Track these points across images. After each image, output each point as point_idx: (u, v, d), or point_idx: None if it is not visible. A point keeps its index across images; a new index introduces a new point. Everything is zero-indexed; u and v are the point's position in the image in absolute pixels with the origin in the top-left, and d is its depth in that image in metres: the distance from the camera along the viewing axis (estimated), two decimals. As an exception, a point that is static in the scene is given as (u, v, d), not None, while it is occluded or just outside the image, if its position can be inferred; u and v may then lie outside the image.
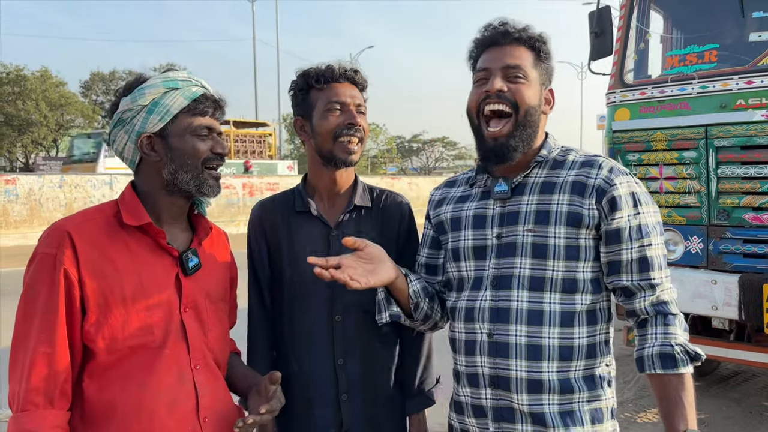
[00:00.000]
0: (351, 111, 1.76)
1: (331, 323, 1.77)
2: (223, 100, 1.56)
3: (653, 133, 4.31)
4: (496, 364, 1.50)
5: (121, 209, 1.47)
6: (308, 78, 1.78)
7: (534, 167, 1.56)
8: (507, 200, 1.55)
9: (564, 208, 1.47)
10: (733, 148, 3.98)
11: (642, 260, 1.46)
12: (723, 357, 4.26)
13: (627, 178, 1.50)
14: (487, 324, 1.51)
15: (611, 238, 1.47)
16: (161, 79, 1.49)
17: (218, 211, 18.55)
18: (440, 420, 1.83)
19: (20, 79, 31.82)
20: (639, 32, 4.72)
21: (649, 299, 1.47)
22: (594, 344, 1.50)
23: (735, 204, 4.01)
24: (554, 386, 1.47)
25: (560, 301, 1.47)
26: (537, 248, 1.48)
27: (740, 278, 3.84)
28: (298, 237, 1.80)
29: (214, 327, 1.55)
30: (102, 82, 39.16)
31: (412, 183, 25.10)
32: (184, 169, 1.47)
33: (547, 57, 1.57)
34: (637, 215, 1.47)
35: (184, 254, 1.50)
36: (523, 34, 1.55)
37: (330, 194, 1.84)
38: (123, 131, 1.49)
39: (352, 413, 1.77)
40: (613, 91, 4.59)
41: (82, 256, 1.37)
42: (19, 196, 15.46)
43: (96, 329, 1.37)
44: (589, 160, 1.53)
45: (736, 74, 3.99)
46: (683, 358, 1.42)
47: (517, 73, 1.52)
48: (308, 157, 1.86)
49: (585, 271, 1.48)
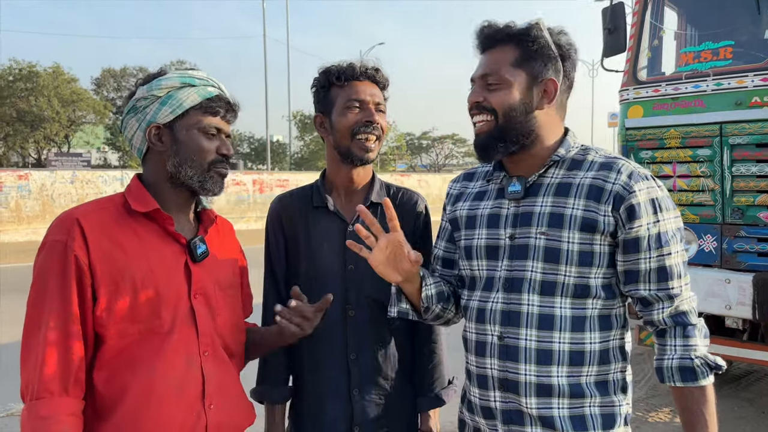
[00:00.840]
0: (370, 109, 1.78)
1: (345, 318, 1.78)
2: (237, 104, 1.58)
3: (667, 130, 4.27)
4: (506, 367, 1.48)
5: (128, 198, 1.49)
6: (329, 75, 1.80)
7: (550, 166, 1.51)
8: (521, 200, 1.51)
9: (579, 212, 1.43)
10: (748, 145, 3.94)
11: (661, 270, 1.42)
12: (736, 357, 4.23)
13: (648, 183, 1.44)
14: (498, 326, 1.49)
15: (629, 247, 1.42)
16: (179, 74, 1.52)
17: (228, 208, 18.63)
18: (452, 419, 1.82)
19: (32, 75, 31.99)
20: (653, 29, 4.68)
21: (668, 310, 1.43)
22: (607, 350, 1.47)
23: (749, 202, 3.97)
24: (564, 391, 1.44)
25: (571, 305, 1.44)
26: (549, 252, 1.44)
27: (754, 277, 3.80)
28: (315, 232, 1.82)
29: (223, 312, 1.56)
30: (113, 78, 39.34)
31: (421, 180, 25.10)
32: (188, 164, 1.49)
33: (540, 48, 1.48)
34: (657, 223, 1.42)
35: (192, 241, 1.51)
36: (500, 34, 1.50)
37: (347, 190, 1.85)
38: (135, 119, 1.51)
39: (363, 408, 1.78)
40: (626, 89, 4.55)
41: (91, 243, 1.38)
42: (31, 192, 15.60)
43: (107, 314, 1.38)
44: (608, 162, 1.47)
45: (751, 71, 3.94)
46: (704, 371, 1.40)
47: (491, 80, 1.49)
48: (327, 153, 1.88)
49: (597, 277, 1.44)
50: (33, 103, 31.51)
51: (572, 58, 1.53)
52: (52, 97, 31.94)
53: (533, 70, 1.48)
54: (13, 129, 32.35)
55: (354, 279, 1.79)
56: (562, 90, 1.53)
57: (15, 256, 12.33)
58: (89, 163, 29.54)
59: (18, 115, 31.84)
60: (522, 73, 1.48)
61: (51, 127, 32.94)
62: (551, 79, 1.50)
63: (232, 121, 1.58)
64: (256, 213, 19.55)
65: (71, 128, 35.38)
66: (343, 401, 1.78)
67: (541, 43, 1.48)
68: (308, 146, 41.62)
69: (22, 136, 32.94)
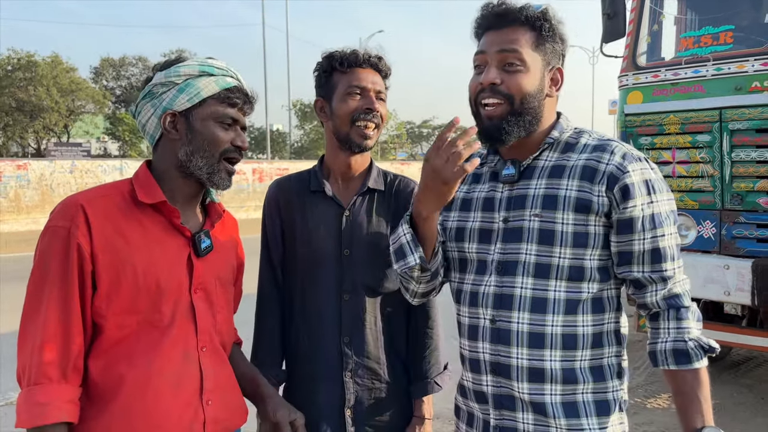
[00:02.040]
0: (370, 96, 1.79)
1: (340, 302, 1.80)
2: (255, 96, 1.57)
3: (666, 116, 4.25)
4: (498, 351, 1.47)
5: (135, 187, 1.46)
6: (333, 60, 1.81)
7: (544, 149, 1.51)
8: (515, 183, 1.50)
9: (573, 193, 1.41)
10: (747, 131, 3.92)
11: (654, 251, 1.41)
12: (735, 343, 4.24)
13: (641, 164, 1.42)
14: (491, 310, 1.48)
15: (623, 228, 1.41)
16: (199, 62, 1.49)
17: (228, 197, 18.62)
18: (448, 405, 1.83)
19: (31, 65, 31.90)
20: (652, 13, 4.65)
21: (661, 292, 1.42)
22: (601, 333, 1.46)
23: (749, 188, 3.95)
24: (557, 376, 1.43)
25: (566, 289, 1.43)
26: (543, 234, 1.43)
27: (753, 263, 3.80)
28: (311, 216, 1.83)
29: (222, 309, 1.55)
30: (112, 67, 39.24)
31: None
32: (201, 153, 1.46)
33: (552, 35, 1.47)
34: (651, 204, 1.40)
35: (196, 235, 1.49)
36: (521, 14, 1.46)
37: (345, 177, 1.87)
38: (150, 104, 1.49)
39: (356, 391, 1.80)
40: (625, 74, 4.53)
41: (95, 230, 1.36)
42: (30, 182, 15.59)
43: (106, 304, 1.37)
44: (601, 144, 1.46)
45: (752, 56, 3.92)
46: (697, 353, 1.38)
47: (512, 59, 1.44)
48: (326, 138, 1.89)
49: (593, 259, 1.43)
50: (32, 92, 31.44)
51: (567, 47, 1.54)
52: (51, 86, 31.86)
53: (546, 56, 1.48)
54: (12, 119, 32.30)
55: (349, 264, 1.80)
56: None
57: (14, 246, 12.34)
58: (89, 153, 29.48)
59: (17, 105, 31.78)
60: (539, 57, 1.47)
61: (50, 116, 32.88)
62: (560, 68, 1.51)
63: (249, 112, 1.56)
64: (255, 202, 19.54)
65: (70, 118, 35.33)
66: (336, 384, 1.79)
67: (554, 29, 1.48)
68: (308, 135, 41.55)
69: (21, 126, 32.90)
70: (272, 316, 1.87)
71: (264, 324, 1.88)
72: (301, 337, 1.84)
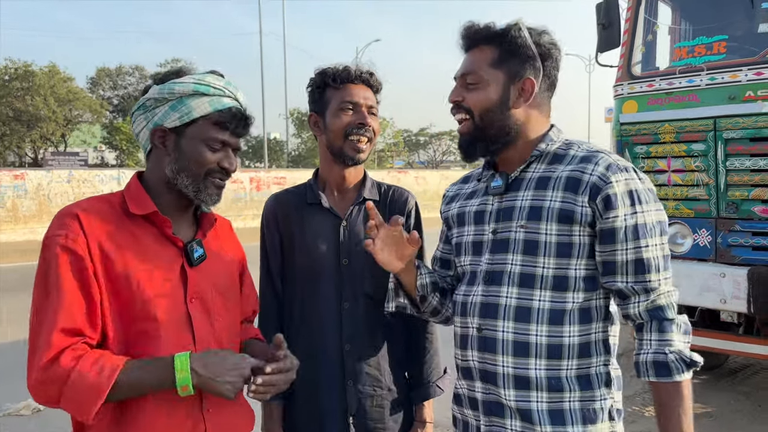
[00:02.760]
0: (362, 111, 1.83)
1: (340, 310, 1.84)
2: (252, 118, 1.55)
3: (661, 125, 4.28)
4: (485, 359, 1.50)
5: (126, 199, 1.47)
6: (325, 77, 1.86)
7: (533, 161, 1.53)
8: (504, 195, 1.54)
9: (557, 204, 1.44)
10: (742, 140, 3.95)
11: (638, 262, 1.41)
12: (732, 350, 4.25)
13: (626, 174, 1.43)
14: (477, 319, 1.51)
15: (606, 238, 1.42)
16: (195, 79, 1.47)
17: (225, 206, 18.61)
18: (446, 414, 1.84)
19: (28, 74, 31.92)
20: (647, 24, 4.69)
21: (644, 304, 1.42)
22: (588, 343, 1.46)
23: (744, 196, 3.98)
24: (542, 384, 1.45)
25: (550, 298, 1.45)
26: (528, 244, 1.46)
27: (749, 271, 3.81)
28: (309, 228, 1.87)
29: (221, 317, 1.54)
30: (108, 77, 39.27)
31: (419, 177, 25.09)
32: (186, 172, 1.47)
33: (516, 49, 1.50)
34: (635, 214, 1.41)
35: (188, 245, 1.49)
36: (480, 35, 1.52)
37: (340, 188, 1.91)
38: (143, 117, 1.50)
39: (358, 399, 1.82)
40: (620, 84, 4.56)
41: (91, 238, 1.37)
42: (27, 192, 15.56)
43: (104, 315, 1.37)
44: (588, 156, 1.47)
45: (745, 65, 3.95)
46: (678, 366, 1.38)
47: (470, 80, 1.53)
48: (320, 152, 1.94)
49: (578, 269, 1.45)
50: (29, 102, 31.44)
51: (554, 57, 1.54)
52: (49, 96, 31.87)
53: (511, 70, 1.50)
54: (10, 128, 32.29)
55: (348, 273, 1.84)
56: (543, 89, 1.54)
57: (12, 256, 12.31)
58: (86, 162, 29.49)
59: (14, 115, 31.77)
60: (500, 72, 1.51)
61: (47, 126, 32.87)
62: (528, 79, 1.51)
63: (243, 134, 1.54)
64: (252, 211, 19.54)
65: (68, 127, 35.33)
66: (338, 392, 1.82)
67: (519, 43, 1.49)
68: (305, 144, 41.57)
69: (18, 135, 32.88)
70: (273, 326, 1.89)
71: (265, 335, 1.87)
72: (303, 346, 1.84)
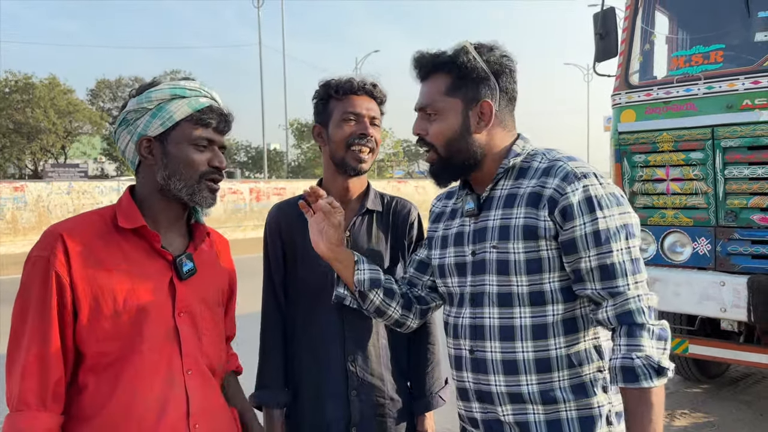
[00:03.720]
0: (365, 122, 1.84)
1: (343, 321, 1.83)
2: (231, 115, 1.57)
3: (659, 134, 4.29)
4: (479, 380, 1.52)
5: (117, 212, 1.48)
6: (329, 88, 1.87)
7: (499, 179, 1.53)
8: (478, 216, 1.54)
9: (521, 221, 1.45)
10: (740, 148, 3.95)
11: (602, 268, 1.39)
12: (732, 359, 4.23)
13: (585, 181, 1.41)
14: (468, 341, 1.53)
15: (568, 248, 1.42)
16: (170, 85, 1.50)
17: (225, 217, 18.60)
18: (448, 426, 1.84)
19: (29, 86, 32.03)
20: (644, 33, 4.70)
21: (612, 309, 1.40)
22: (578, 352, 1.47)
23: (743, 205, 3.98)
24: (536, 398, 1.45)
25: (530, 314, 1.45)
26: (500, 264, 1.47)
27: (749, 280, 3.81)
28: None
29: (208, 332, 1.54)
30: (108, 89, 39.40)
31: (419, 186, 25.08)
32: (177, 176, 1.47)
33: (468, 73, 1.49)
34: (595, 221, 1.39)
35: (178, 258, 1.49)
36: (431, 64, 1.53)
37: (343, 199, 1.90)
38: (126, 131, 1.51)
39: (361, 409, 1.82)
40: (618, 93, 4.58)
41: (73, 259, 1.37)
42: (27, 203, 15.56)
43: (87, 332, 1.38)
44: (549, 166, 1.46)
45: (742, 74, 3.96)
46: (646, 372, 1.34)
47: (429, 110, 1.54)
48: (324, 163, 1.95)
49: (552, 282, 1.45)
50: (29, 114, 31.52)
51: (507, 71, 1.53)
52: (49, 108, 31.95)
53: (467, 95, 1.51)
54: (10, 140, 32.37)
55: None
56: (502, 106, 1.53)
57: (11, 268, 12.28)
58: (86, 174, 29.53)
59: (14, 127, 31.86)
60: (456, 100, 1.51)
61: (47, 138, 32.94)
62: (485, 102, 1.50)
63: (226, 131, 1.55)
64: (252, 222, 19.54)
65: (68, 139, 35.40)
66: (342, 403, 1.82)
67: (469, 66, 1.49)
68: (305, 154, 41.65)
69: (18, 147, 32.95)
70: (276, 337, 1.89)
71: (268, 346, 1.91)
72: (305, 357, 1.86)
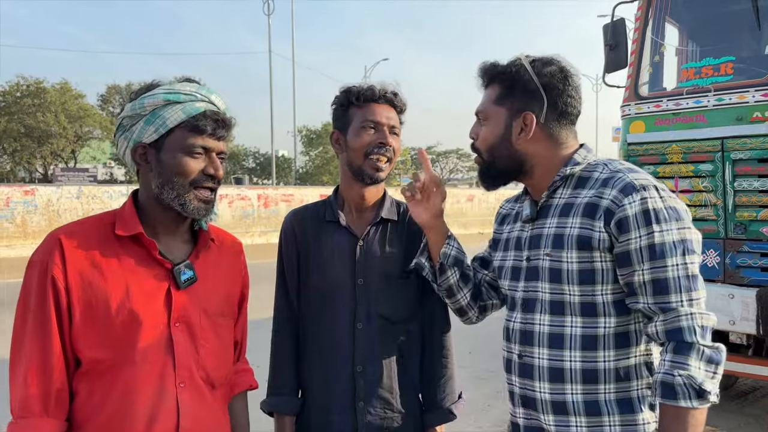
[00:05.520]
0: (384, 131, 1.82)
1: (353, 330, 1.81)
2: (230, 119, 1.50)
3: (668, 145, 4.29)
4: (525, 385, 1.54)
5: (117, 219, 1.45)
6: (350, 95, 1.86)
7: (558, 187, 1.54)
8: (535, 222, 1.57)
9: (575, 231, 1.45)
10: (749, 160, 3.95)
11: (655, 282, 1.38)
12: (741, 372, 4.21)
13: (643, 194, 1.39)
14: (518, 345, 1.55)
15: (622, 261, 1.41)
16: (164, 90, 1.45)
17: (233, 223, 18.65)
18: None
19: (40, 91, 32.27)
20: (654, 45, 4.71)
21: (662, 325, 1.38)
22: (627, 367, 1.45)
23: (752, 217, 3.97)
24: (579, 408, 1.45)
25: (582, 324, 1.45)
26: (553, 273, 1.48)
27: (758, 292, 3.79)
28: (326, 245, 1.85)
29: (207, 343, 1.48)
30: (119, 94, 39.65)
31: (426, 195, 25.04)
32: (170, 185, 1.43)
33: (516, 85, 1.54)
34: (651, 235, 1.37)
35: (176, 267, 1.45)
36: (489, 72, 1.60)
37: (358, 207, 1.89)
38: (123, 137, 1.47)
39: (369, 421, 1.79)
40: (627, 104, 4.58)
41: (70, 264, 1.36)
42: (37, 207, 15.66)
43: (80, 338, 1.36)
44: (608, 177, 1.46)
45: (752, 87, 3.96)
46: (685, 391, 1.31)
47: (481, 116, 1.62)
48: (341, 170, 1.93)
49: (605, 294, 1.44)
50: (40, 118, 31.74)
51: (559, 87, 1.53)
52: (59, 112, 32.19)
53: (513, 105, 1.55)
54: (21, 144, 32.60)
55: (363, 292, 1.81)
56: (550, 119, 1.53)
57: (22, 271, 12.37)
58: (96, 178, 29.68)
59: (25, 131, 32.09)
60: (502, 109, 1.56)
61: (58, 142, 33.18)
62: (527, 114, 1.53)
63: (224, 136, 1.48)
64: (260, 228, 19.58)
65: (78, 143, 35.63)
66: (349, 413, 1.79)
67: (518, 78, 1.54)
68: (313, 161, 41.73)
69: (29, 151, 33.18)
70: (288, 344, 1.87)
71: (280, 353, 1.89)
72: (315, 366, 1.84)
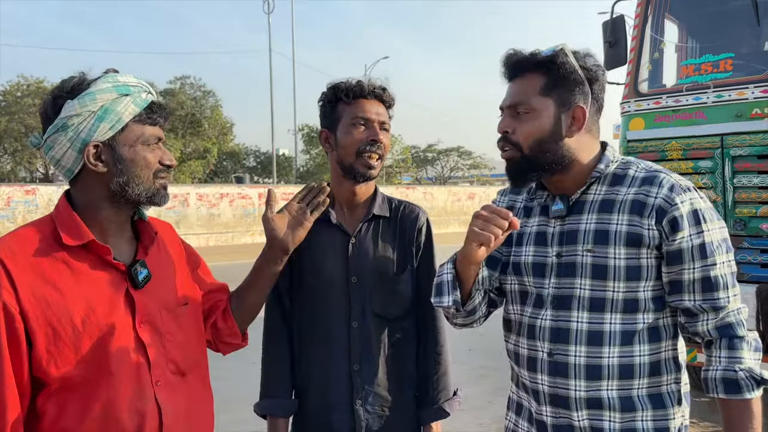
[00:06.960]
0: (374, 128, 1.80)
1: (348, 329, 1.81)
2: (167, 107, 1.49)
3: (668, 142, 4.29)
4: (556, 383, 1.50)
5: (58, 228, 1.36)
6: (337, 91, 1.83)
7: (592, 183, 1.52)
8: (566, 218, 1.53)
9: (624, 228, 1.44)
10: (749, 157, 3.95)
11: (705, 280, 1.41)
12: (741, 368, 4.20)
13: (689, 195, 1.44)
14: (548, 343, 1.51)
15: (673, 259, 1.42)
16: (112, 83, 1.38)
17: (234, 222, 18.65)
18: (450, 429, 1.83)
19: (40, 91, 32.26)
20: (653, 41, 4.71)
21: (713, 322, 1.42)
22: (658, 362, 1.47)
23: (752, 213, 3.97)
24: (614, 404, 1.45)
25: (621, 321, 1.45)
26: (597, 269, 1.46)
27: (758, 289, 3.79)
28: (318, 244, 1.83)
29: (172, 336, 1.45)
30: (120, 93, 39.62)
31: (427, 193, 25.12)
32: (136, 181, 1.39)
33: (566, 75, 1.48)
34: (701, 234, 1.41)
35: (132, 268, 1.40)
36: (530, 63, 1.50)
37: (350, 204, 1.88)
38: (65, 138, 1.35)
39: (366, 419, 1.79)
40: (627, 101, 4.58)
41: (19, 285, 1.27)
42: (38, 207, 15.70)
43: (48, 360, 1.29)
44: (649, 176, 1.48)
45: (751, 83, 3.97)
46: (749, 384, 1.37)
47: (521, 109, 1.49)
48: (331, 168, 1.91)
49: (646, 290, 1.45)
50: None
51: (600, 79, 1.53)
52: (60, 112, 32.14)
53: (561, 98, 1.48)
54: (21, 144, 32.60)
55: (357, 291, 1.81)
56: (592, 113, 1.52)
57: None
58: (96, 178, 29.60)
59: (26, 131, 32.08)
60: (550, 101, 1.48)
61: (58, 142, 33.11)
62: (579, 106, 1.49)
63: (166, 126, 1.47)
64: (261, 226, 19.57)
65: (78, 143, 35.57)
66: (346, 412, 1.79)
67: (567, 69, 1.48)
68: (314, 159, 41.74)
69: (29, 151, 33.15)
70: (280, 345, 1.86)
71: (272, 354, 1.87)
72: (311, 366, 1.83)
